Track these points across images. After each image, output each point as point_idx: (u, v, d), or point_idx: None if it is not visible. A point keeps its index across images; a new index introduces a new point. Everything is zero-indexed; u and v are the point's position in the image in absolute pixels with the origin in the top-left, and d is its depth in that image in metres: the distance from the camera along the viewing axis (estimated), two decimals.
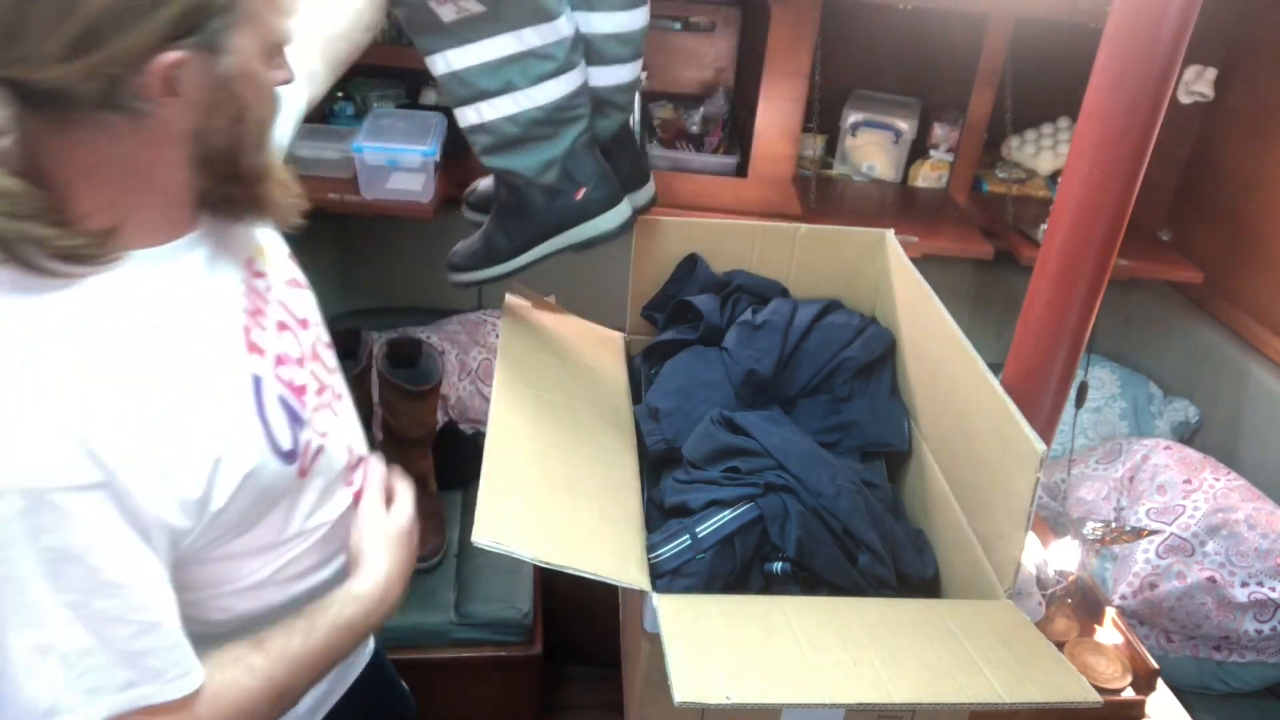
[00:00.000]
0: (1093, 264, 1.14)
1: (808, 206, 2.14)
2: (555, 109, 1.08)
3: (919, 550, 1.14)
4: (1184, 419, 2.26)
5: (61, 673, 0.68)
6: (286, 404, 0.82)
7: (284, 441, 0.81)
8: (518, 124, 1.08)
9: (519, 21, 1.03)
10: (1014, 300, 1.29)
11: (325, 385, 0.91)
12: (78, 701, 0.68)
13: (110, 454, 0.66)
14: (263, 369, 0.81)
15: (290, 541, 0.86)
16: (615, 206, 1.16)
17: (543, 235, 1.17)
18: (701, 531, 1.05)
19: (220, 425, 0.74)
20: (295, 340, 0.87)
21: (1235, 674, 1.81)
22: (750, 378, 1.25)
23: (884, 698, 0.79)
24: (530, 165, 1.11)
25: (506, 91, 1.06)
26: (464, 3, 1.01)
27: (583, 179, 1.13)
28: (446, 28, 1.02)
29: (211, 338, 0.77)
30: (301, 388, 0.86)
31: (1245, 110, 2.20)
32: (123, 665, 0.70)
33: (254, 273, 0.85)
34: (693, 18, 2.36)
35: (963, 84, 2.26)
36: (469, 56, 1.05)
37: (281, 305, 0.87)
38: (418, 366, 1.82)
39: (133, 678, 0.70)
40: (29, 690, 0.67)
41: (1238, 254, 2.19)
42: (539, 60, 1.05)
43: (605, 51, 1.12)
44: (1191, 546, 1.80)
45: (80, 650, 0.68)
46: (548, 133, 1.10)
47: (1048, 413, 1.24)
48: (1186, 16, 1.00)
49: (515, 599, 1.81)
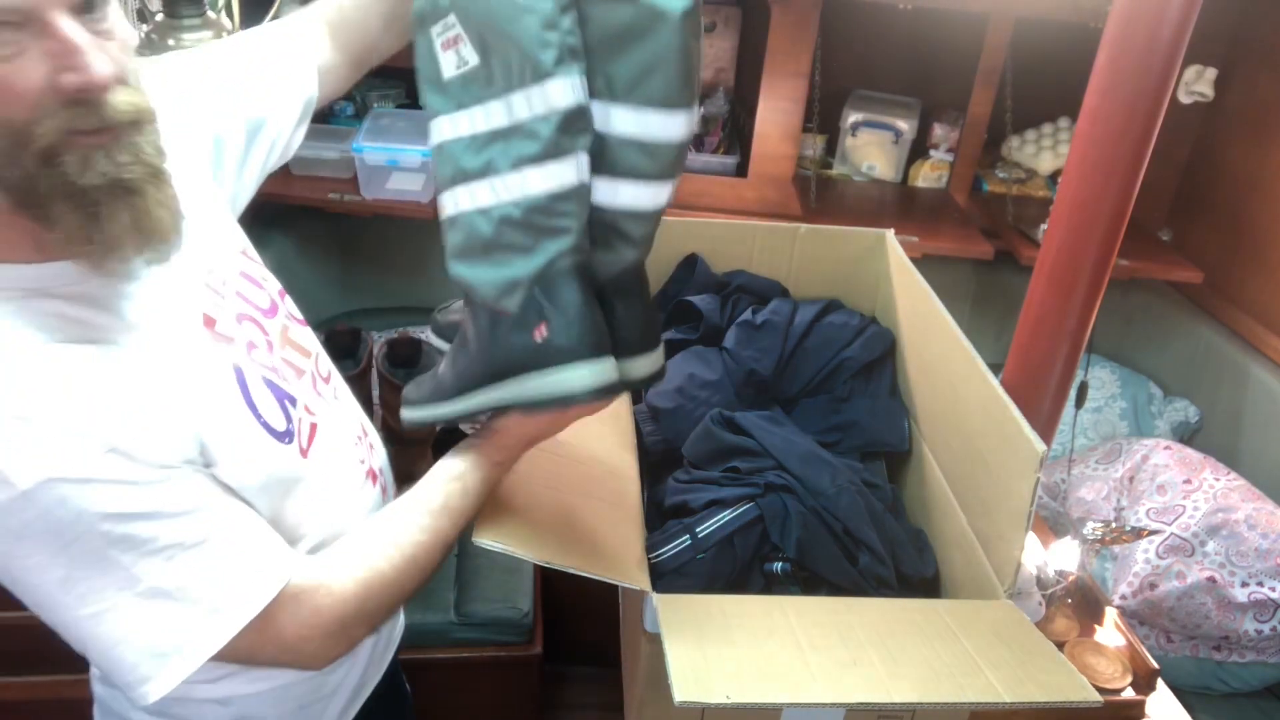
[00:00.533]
0: (1093, 264, 1.14)
1: (808, 206, 2.14)
2: (533, 208, 0.77)
3: (919, 550, 1.14)
4: (1184, 419, 2.26)
5: (177, 607, 0.70)
6: (272, 385, 0.83)
7: (277, 423, 0.81)
8: (489, 220, 0.79)
9: (509, 82, 0.75)
10: (1014, 300, 1.29)
11: (303, 370, 0.91)
12: (209, 623, 0.71)
13: (97, 430, 0.67)
14: (239, 357, 0.81)
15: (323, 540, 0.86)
16: (588, 361, 0.79)
17: (484, 378, 0.85)
18: (701, 531, 1.05)
19: (200, 407, 0.75)
20: (259, 329, 0.87)
21: (1235, 674, 1.81)
22: (750, 378, 1.25)
23: (884, 697, 0.79)
24: (491, 281, 0.80)
25: (485, 175, 0.78)
26: (464, 52, 0.76)
27: (549, 314, 0.79)
28: (445, 84, 0.78)
29: (168, 334, 0.76)
30: (279, 368, 0.86)
31: (1245, 110, 2.20)
32: (231, 574, 0.72)
33: (207, 269, 0.84)
34: None
35: (963, 84, 2.26)
36: (459, 125, 0.79)
37: (240, 298, 0.87)
38: (418, 366, 1.82)
39: (247, 580, 0.73)
40: (148, 635, 0.69)
41: (1238, 254, 2.19)
42: (522, 138, 0.75)
43: (621, 159, 0.78)
44: (1191, 546, 1.80)
45: (183, 582, 0.70)
46: (521, 241, 0.78)
47: (1048, 413, 1.24)
48: (1186, 16, 1.00)
49: (515, 599, 1.81)
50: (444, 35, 0.75)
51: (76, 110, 0.64)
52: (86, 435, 0.66)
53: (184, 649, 0.71)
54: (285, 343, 0.91)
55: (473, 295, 0.84)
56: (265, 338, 0.87)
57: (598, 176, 0.78)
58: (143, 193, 0.69)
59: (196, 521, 0.71)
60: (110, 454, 0.67)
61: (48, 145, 0.64)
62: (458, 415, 0.88)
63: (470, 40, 0.74)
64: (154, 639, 0.70)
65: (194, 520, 0.71)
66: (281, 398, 0.83)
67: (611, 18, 0.71)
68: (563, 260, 0.78)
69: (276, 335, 0.90)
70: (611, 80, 0.74)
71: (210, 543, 0.72)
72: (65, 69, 0.63)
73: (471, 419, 0.90)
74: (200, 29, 1.40)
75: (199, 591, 0.71)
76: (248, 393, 0.80)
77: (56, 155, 0.65)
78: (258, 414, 0.80)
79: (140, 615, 0.69)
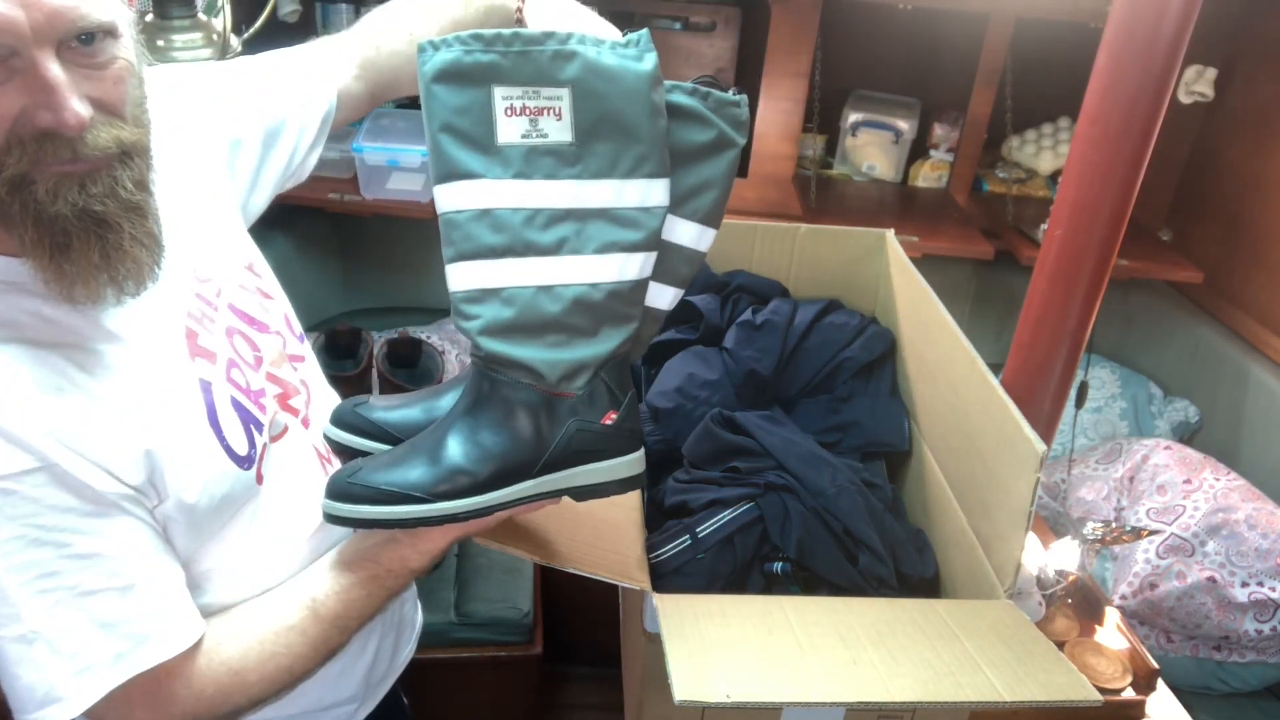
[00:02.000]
0: (1093, 264, 1.14)
1: (808, 206, 2.14)
2: (616, 294, 0.76)
3: (919, 550, 1.14)
4: (1184, 419, 2.26)
5: (50, 659, 0.68)
6: (240, 406, 0.81)
7: (239, 446, 0.79)
8: (557, 299, 0.75)
9: (612, 169, 0.74)
10: (1014, 300, 1.29)
11: (292, 391, 0.89)
12: (71, 685, 0.69)
13: (36, 442, 0.66)
14: (211, 373, 0.79)
15: (268, 562, 0.84)
16: (637, 451, 0.82)
17: (533, 467, 0.79)
18: (701, 531, 1.05)
19: (155, 421, 0.73)
20: (249, 345, 0.86)
21: (1235, 674, 1.81)
22: (750, 378, 1.25)
23: (884, 696, 0.79)
24: (551, 362, 0.76)
25: (558, 253, 0.74)
26: (544, 123, 0.71)
27: (614, 402, 0.79)
28: (498, 149, 0.72)
29: (139, 346, 0.75)
30: (259, 392, 0.84)
31: (1245, 110, 2.20)
32: (109, 638, 0.70)
33: (199, 279, 0.83)
34: (693, 18, 2.36)
35: (963, 84, 2.26)
36: (522, 196, 0.73)
37: (232, 310, 0.85)
38: (418, 366, 1.82)
39: (122, 649, 0.70)
40: (24, 680, 0.68)
41: (1238, 254, 2.19)
42: (618, 225, 0.75)
43: (669, 265, 0.81)
44: (1191, 546, 1.80)
45: (63, 632, 0.68)
46: (586, 325, 0.76)
47: (1048, 413, 1.24)
48: (1186, 16, 1.01)
49: (515, 599, 1.81)
50: (522, 102, 0.71)
51: (47, 144, 0.64)
52: (18, 444, 0.65)
53: (49, 704, 0.68)
54: (283, 360, 0.89)
55: (518, 375, 0.77)
56: (255, 353, 0.86)
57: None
58: (116, 228, 0.68)
59: (102, 570, 0.69)
60: (40, 471, 0.66)
61: (17, 174, 0.64)
62: (476, 511, 0.77)
63: (569, 118, 0.72)
64: (28, 686, 0.68)
65: (100, 567, 0.69)
66: (248, 421, 0.81)
67: (694, 137, 0.76)
68: (624, 347, 0.79)
69: (272, 353, 0.88)
70: (673, 191, 0.77)
71: (103, 596, 0.69)
72: (40, 106, 0.63)
73: (479, 516, 0.78)
74: (190, 30, 1.39)
75: (76, 645, 0.69)
76: (213, 412, 0.78)
77: (27, 182, 0.65)
78: (220, 434, 0.78)
79: (15, 656, 0.68)
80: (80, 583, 0.68)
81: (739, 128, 0.77)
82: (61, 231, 0.66)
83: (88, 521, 0.68)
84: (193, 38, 1.39)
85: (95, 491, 0.68)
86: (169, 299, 0.79)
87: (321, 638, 0.81)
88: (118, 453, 0.70)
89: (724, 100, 0.77)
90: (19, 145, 0.64)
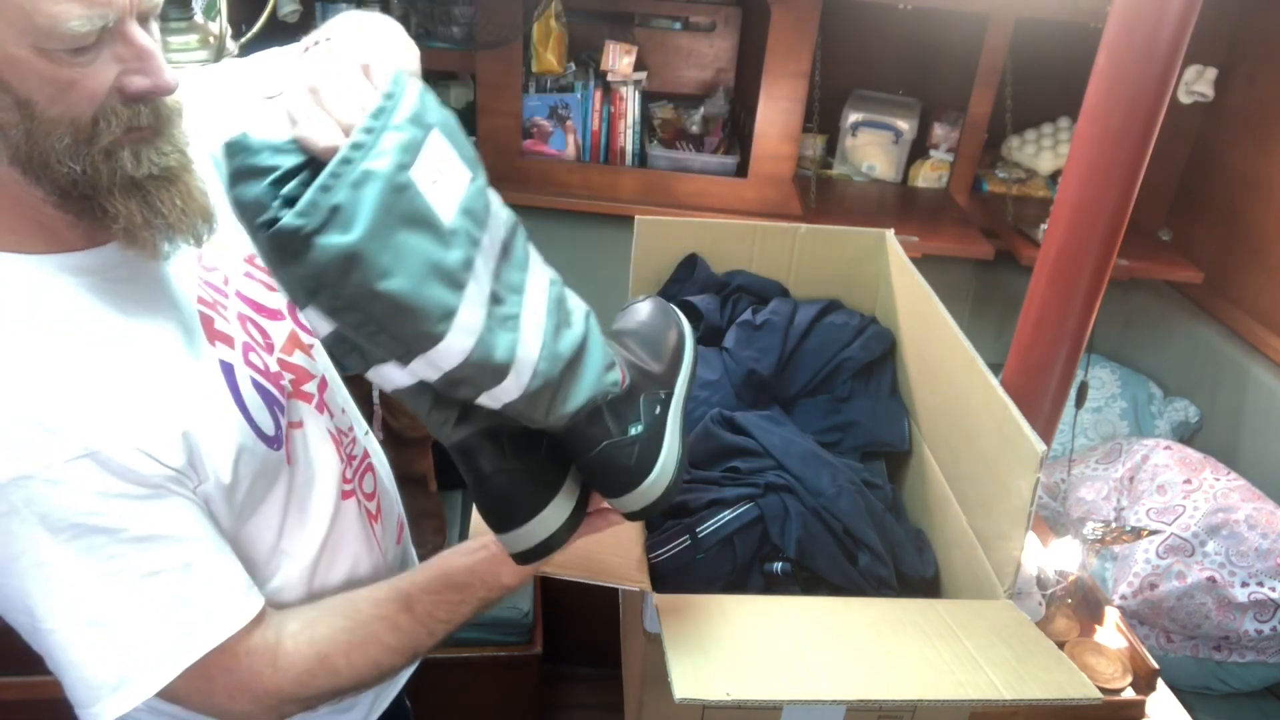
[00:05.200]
0: (1093, 264, 1.14)
1: (808, 206, 2.14)
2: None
3: (919, 550, 1.14)
4: (1184, 419, 2.26)
5: (119, 641, 0.69)
6: (262, 388, 0.82)
7: (266, 426, 0.80)
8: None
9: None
10: (1014, 300, 1.29)
11: (305, 377, 0.90)
12: (143, 665, 0.69)
13: (78, 431, 0.66)
14: (232, 356, 0.80)
15: (304, 542, 0.85)
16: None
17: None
18: (701, 531, 1.05)
19: (188, 404, 0.74)
20: (260, 331, 0.87)
21: (1235, 674, 1.81)
22: (750, 378, 1.25)
23: (885, 694, 0.79)
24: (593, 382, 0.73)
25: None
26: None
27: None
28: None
29: (162, 331, 0.75)
30: (276, 374, 0.85)
31: (1245, 110, 2.20)
32: (178, 616, 0.71)
33: (205, 268, 0.84)
34: (693, 18, 2.36)
35: (963, 84, 2.26)
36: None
37: (240, 298, 0.86)
38: None
39: (191, 626, 0.71)
40: (92, 669, 0.68)
41: (1238, 254, 2.19)
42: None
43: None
44: (1191, 546, 1.80)
45: (130, 615, 0.69)
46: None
47: (1048, 413, 1.24)
48: (1186, 16, 1.01)
49: (515, 599, 1.81)
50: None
51: (135, 109, 0.68)
52: (61, 434, 0.66)
53: (122, 686, 0.69)
54: (294, 347, 0.90)
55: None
56: (266, 339, 0.87)
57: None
58: (184, 179, 0.73)
59: (159, 551, 0.70)
60: (85, 459, 0.66)
61: (111, 142, 0.68)
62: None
63: None
64: (95, 670, 0.69)
65: (157, 549, 0.70)
66: (271, 403, 0.82)
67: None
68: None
69: (282, 339, 0.89)
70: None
71: (165, 576, 0.70)
72: (134, 72, 0.67)
73: None
74: (186, 32, 1.38)
75: (143, 627, 0.70)
76: (238, 393, 0.79)
77: (117, 148, 0.68)
78: (248, 414, 0.79)
79: (82, 644, 0.68)
80: (141, 564, 0.69)
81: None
82: (147, 190, 0.71)
83: (139, 505, 0.69)
84: (188, 40, 1.38)
85: (141, 475, 0.69)
86: (183, 286, 0.80)
87: (410, 635, 0.83)
88: (157, 437, 0.71)
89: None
90: (113, 114, 0.67)
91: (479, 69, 2.18)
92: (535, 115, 2.27)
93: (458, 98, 2.33)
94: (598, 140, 2.30)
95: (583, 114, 2.28)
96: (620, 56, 2.22)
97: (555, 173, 2.26)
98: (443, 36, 2.16)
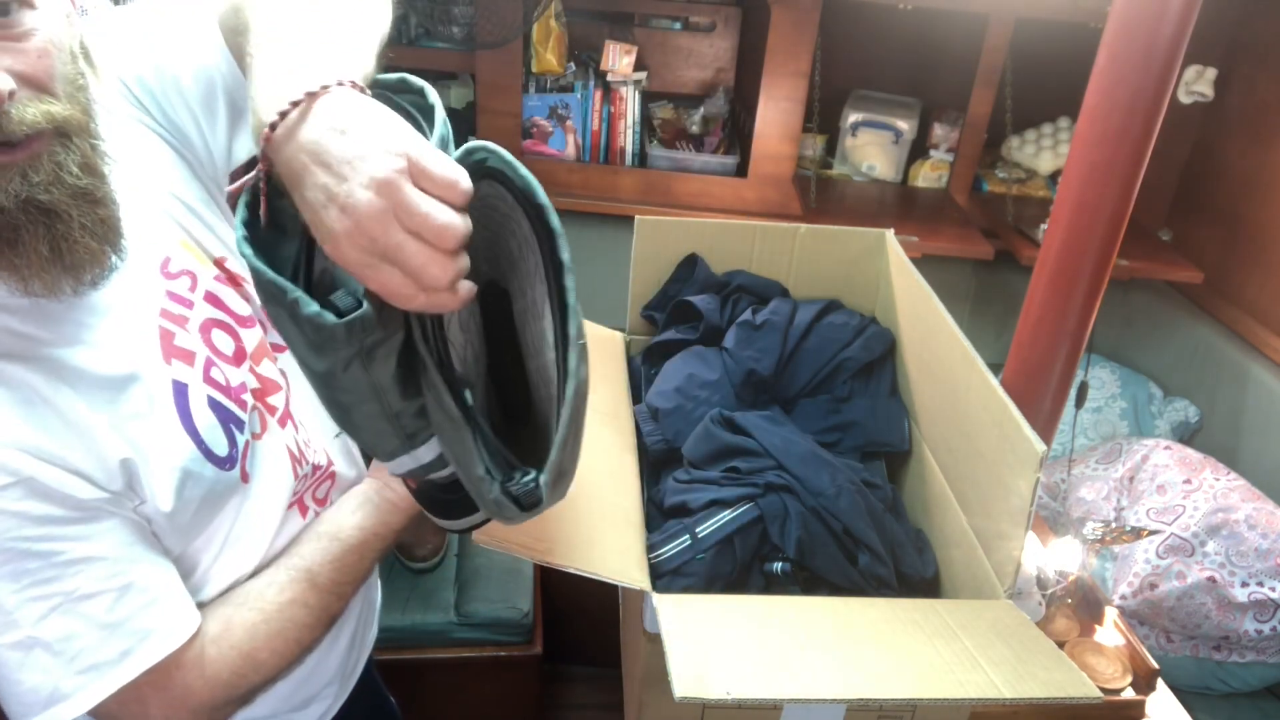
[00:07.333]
0: (1093, 264, 1.14)
1: (808, 206, 2.14)
2: None
3: (919, 550, 1.14)
4: (1184, 419, 2.26)
5: (51, 661, 0.68)
6: (219, 406, 0.79)
7: (218, 447, 0.78)
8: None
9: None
10: (1014, 300, 1.29)
11: (272, 388, 0.88)
12: (75, 684, 0.69)
13: (8, 458, 0.65)
14: (188, 375, 0.77)
15: (256, 555, 0.84)
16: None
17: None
18: (701, 531, 1.05)
19: (128, 432, 0.72)
20: (231, 337, 0.83)
21: (1235, 674, 1.81)
22: (750, 378, 1.25)
23: (885, 694, 0.79)
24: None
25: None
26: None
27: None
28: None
29: (103, 356, 0.72)
30: (239, 388, 0.82)
31: (1245, 110, 2.20)
32: (113, 637, 0.70)
33: (169, 275, 0.79)
34: (693, 18, 2.36)
35: (963, 84, 2.26)
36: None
37: (210, 302, 0.82)
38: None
39: (127, 646, 0.70)
40: (26, 684, 0.68)
41: (1238, 254, 2.20)
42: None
43: None
44: (1191, 546, 1.80)
45: (63, 636, 0.68)
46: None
47: (1048, 413, 1.24)
48: (1186, 16, 1.01)
49: (515, 599, 1.81)
50: None
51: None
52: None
53: (53, 704, 0.68)
54: (263, 356, 0.88)
55: None
56: (236, 344, 0.84)
57: None
58: (64, 217, 0.64)
59: (96, 573, 0.69)
60: (16, 485, 0.65)
61: None
62: None
63: None
64: (27, 689, 0.68)
65: (93, 570, 0.69)
66: (228, 421, 0.79)
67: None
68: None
69: (253, 346, 0.86)
70: None
71: (102, 598, 0.69)
72: None
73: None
74: None
75: (77, 647, 0.68)
76: (188, 416, 0.76)
77: None
78: (198, 437, 0.77)
79: (13, 663, 0.67)
80: (76, 587, 0.68)
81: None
82: (8, 225, 0.62)
83: (74, 528, 0.68)
84: None
85: (77, 500, 0.68)
86: (139, 302, 0.76)
87: (322, 606, 0.83)
88: (94, 461, 0.69)
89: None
90: None
91: (479, 69, 2.18)
92: (535, 115, 2.27)
93: (458, 98, 2.33)
94: (598, 140, 2.30)
95: (583, 114, 2.28)
96: (620, 56, 2.22)
97: (555, 173, 2.26)
98: (443, 36, 2.16)
